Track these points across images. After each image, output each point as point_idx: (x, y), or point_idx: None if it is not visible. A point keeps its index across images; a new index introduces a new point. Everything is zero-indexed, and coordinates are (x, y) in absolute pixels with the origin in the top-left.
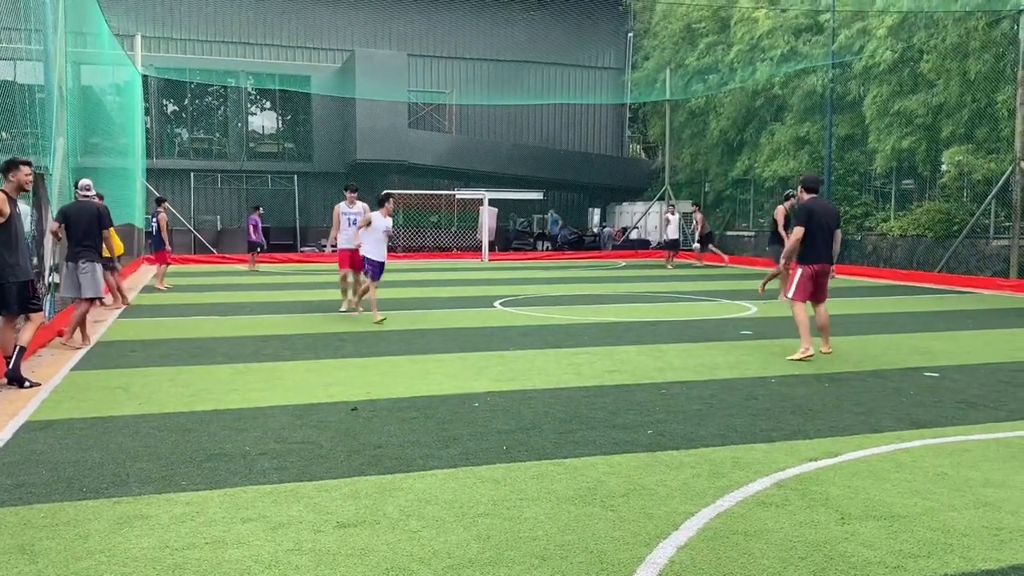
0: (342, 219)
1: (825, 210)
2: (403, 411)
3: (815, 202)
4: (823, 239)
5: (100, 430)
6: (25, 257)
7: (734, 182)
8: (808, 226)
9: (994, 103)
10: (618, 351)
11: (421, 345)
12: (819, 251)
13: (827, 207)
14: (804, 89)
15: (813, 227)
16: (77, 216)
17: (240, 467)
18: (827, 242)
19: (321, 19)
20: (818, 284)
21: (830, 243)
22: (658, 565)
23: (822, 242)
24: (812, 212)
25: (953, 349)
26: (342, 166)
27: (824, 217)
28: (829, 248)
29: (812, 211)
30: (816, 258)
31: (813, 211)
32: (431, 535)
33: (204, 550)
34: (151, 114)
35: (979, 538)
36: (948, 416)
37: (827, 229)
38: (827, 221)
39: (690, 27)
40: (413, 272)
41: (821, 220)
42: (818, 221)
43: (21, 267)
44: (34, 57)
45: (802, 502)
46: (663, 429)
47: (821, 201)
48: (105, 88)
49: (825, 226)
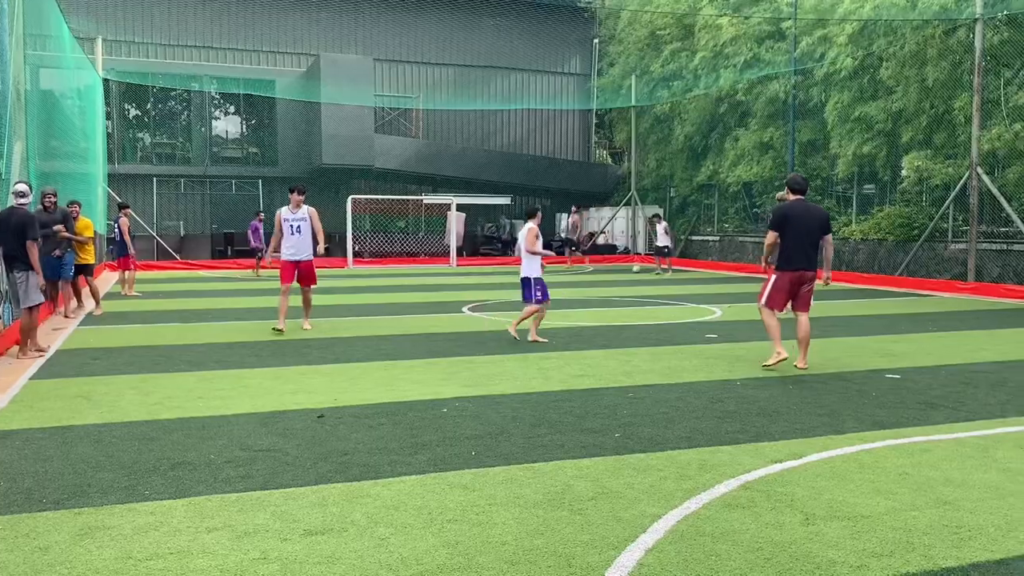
0: (284, 226)
1: (806, 214)
2: (371, 418)
3: (795, 205)
4: (801, 245)
5: (60, 440)
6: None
7: (699, 187)
8: (783, 231)
9: (951, 110)
10: (586, 355)
11: (389, 351)
12: (796, 257)
13: (809, 210)
14: (767, 95)
15: (789, 232)
16: (5, 224)
17: (205, 476)
18: (806, 248)
19: (286, 23)
20: (796, 293)
21: (810, 249)
22: (626, 568)
23: (800, 248)
24: (787, 216)
25: (914, 351)
26: (307, 171)
27: (804, 221)
28: (809, 255)
29: (787, 215)
30: (793, 264)
31: (788, 215)
32: (399, 542)
33: (169, 560)
34: (112, 118)
35: (940, 537)
36: (909, 417)
37: (807, 234)
38: (807, 226)
39: (655, 34)
40: (380, 278)
41: (799, 225)
42: (795, 226)
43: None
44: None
45: (768, 503)
46: (630, 432)
47: (803, 204)
48: (66, 92)
49: (804, 231)
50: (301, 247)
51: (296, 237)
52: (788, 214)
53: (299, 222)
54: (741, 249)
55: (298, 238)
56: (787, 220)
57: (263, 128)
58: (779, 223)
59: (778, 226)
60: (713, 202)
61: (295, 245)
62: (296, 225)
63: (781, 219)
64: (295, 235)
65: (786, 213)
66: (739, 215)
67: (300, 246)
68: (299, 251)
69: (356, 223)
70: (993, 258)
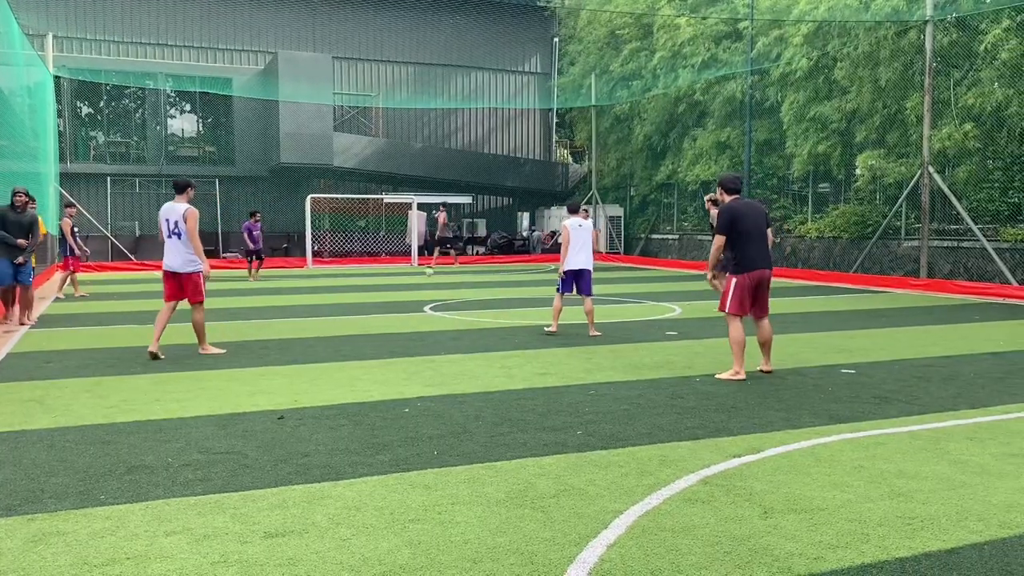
0: (164, 226)
1: (752, 210)
2: (331, 418)
3: (739, 204)
4: (756, 243)
5: (12, 444)
6: None
7: (658, 186)
8: (736, 231)
9: (903, 109)
10: (548, 353)
11: (349, 351)
12: (753, 257)
13: (752, 207)
14: (724, 95)
15: (742, 231)
16: None
17: (162, 479)
18: (761, 246)
19: (242, 20)
20: (757, 295)
21: (765, 247)
22: (588, 564)
23: (756, 247)
24: (738, 215)
25: (868, 346)
26: (265, 170)
27: (752, 219)
28: (765, 253)
29: (738, 214)
30: (751, 265)
31: (739, 214)
32: (361, 543)
33: (126, 565)
34: (64, 116)
35: (893, 528)
36: (864, 411)
37: (758, 232)
38: (756, 222)
39: (614, 33)
40: (341, 277)
41: (749, 223)
42: (747, 224)
43: None
44: None
45: (727, 498)
46: (592, 429)
47: (745, 202)
48: (14, 89)
49: (755, 228)
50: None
51: (173, 241)
52: (737, 213)
53: (176, 220)
54: (700, 247)
55: (174, 242)
56: (738, 219)
57: (220, 127)
58: (729, 224)
59: (728, 227)
60: (672, 201)
61: (176, 249)
62: (173, 223)
63: (731, 220)
64: (171, 238)
65: (735, 212)
66: (697, 214)
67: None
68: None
69: (315, 222)
70: (944, 255)
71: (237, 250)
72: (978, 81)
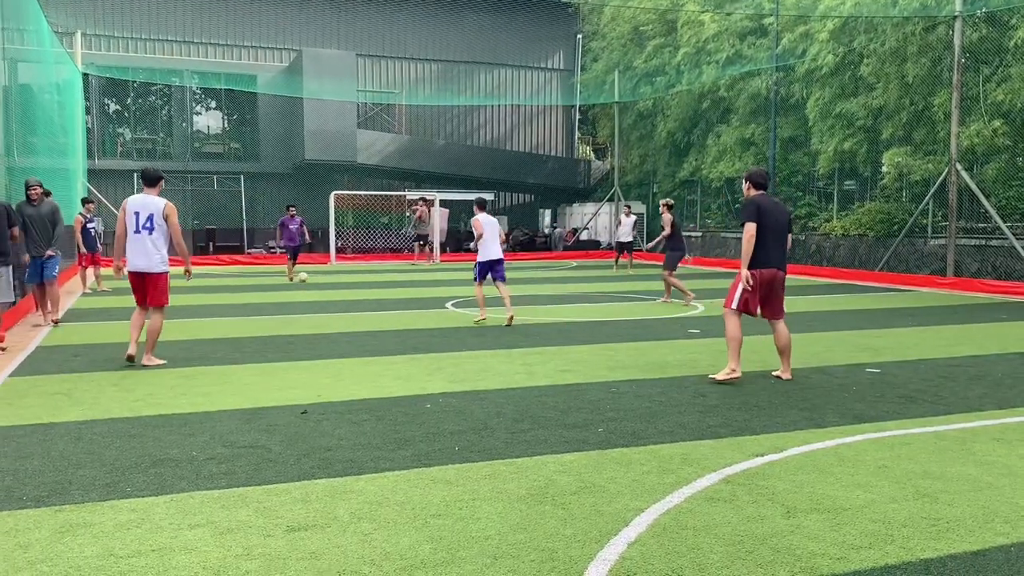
0: (131, 220)
1: (775, 208)
2: (354, 413)
3: (765, 199)
4: (775, 240)
5: (41, 437)
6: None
7: (682, 183)
8: (760, 224)
9: (931, 106)
10: (569, 350)
11: (372, 347)
12: (771, 254)
13: (777, 205)
14: (749, 91)
15: (764, 225)
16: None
17: (187, 472)
18: (779, 244)
19: (267, 18)
20: (768, 295)
21: (782, 246)
22: (609, 561)
23: (775, 244)
24: (762, 209)
25: (894, 345)
26: (289, 166)
27: (775, 216)
28: (781, 252)
29: (761, 207)
30: (765, 261)
31: (763, 207)
32: (383, 537)
33: (150, 557)
34: (92, 113)
35: (918, 528)
36: (889, 411)
37: (779, 230)
38: (779, 221)
39: (637, 30)
40: (364, 274)
41: (771, 219)
42: (769, 220)
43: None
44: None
45: (749, 497)
46: (613, 427)
47: (770, 199)
48: (44, 86)
49: (777, 226)
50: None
51: (143, 237)
52: (762, 206)
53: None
54: (723, 244)
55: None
56: (763, 213)
57: (245, 123)
58: (755, 214)
59: (756, 217)
60: (696, 198)
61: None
62: (145, 217)
63: (756, 210)
64: (141, 232)
65: (760, 205)
66: (721, 211)
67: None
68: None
69: (339, 219)
70: (972, 253)
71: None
72: (1008, 77)
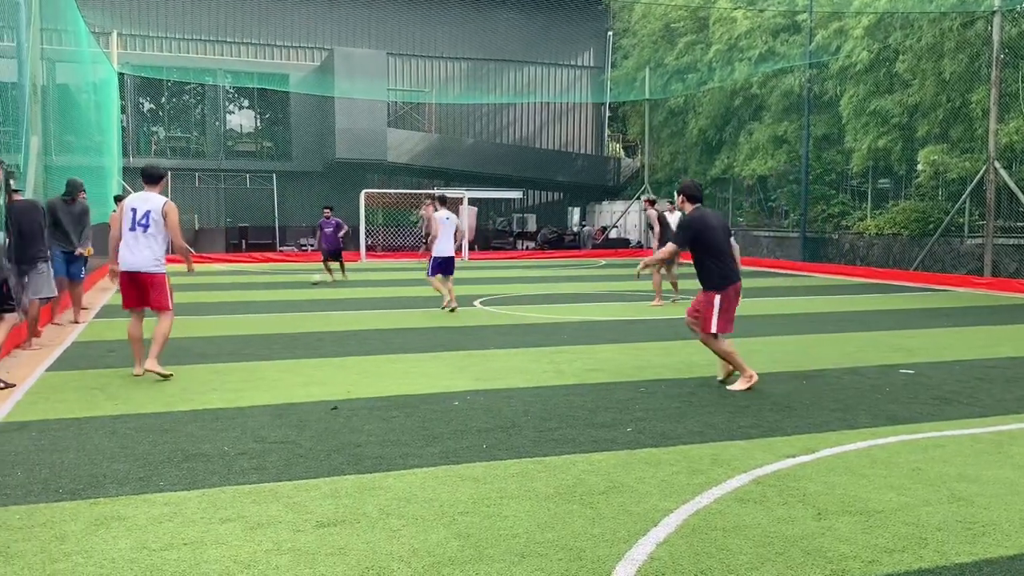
0: (127, 217)
1: (719, 222)
2: (383, 410)
3: (705, 213)
4: (728, 254)
5: (76, 431)
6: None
7: (713, 181)
8: (704, 243)
9: (968, 103)
10: (598, 349)
11: (401, 344)
12: (731, 270)
13: (718, 217)
14: (782, 89)
15: (713, 243)
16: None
17: (219, 467)
18: (732, 257)
19: (299, 17)
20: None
21: (734, 258)
22: (637, 561)
23: (730, 258)
24: (706, 225)
25: (929, 346)
26: (321, 165)
27: (720, 231)
28: (735, 264)
29: (706, 223)
30: (732, 278)
31: (707, 224)
32: (411, 533)
33: (182, 551)
34: (127, 112)
35: (953, 532)
36: (923, 412)
37: (726, 239)
38: (725, 234)
39: (669, 26)
40: (393, 271)
41: (718, 235)
42: (716, 235)
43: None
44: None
45: (779, 498)
46: (642, 427)
47: (711, 212)
48: (81, 86)
49: (726, 240)
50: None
51: (139, 235)
52: (706, 223)
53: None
54: (755, 243)
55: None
56: (707, 229)
57: (277, 122)
58: (697, 235)
59: (695, 238)
60: (727, 196)
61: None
62: (144, 215)
63: (700, 229)
64: (136, 230)
65: (705, 222)
66: (754, 209)
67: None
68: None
69: (369, 217)
70: (1010, 253)
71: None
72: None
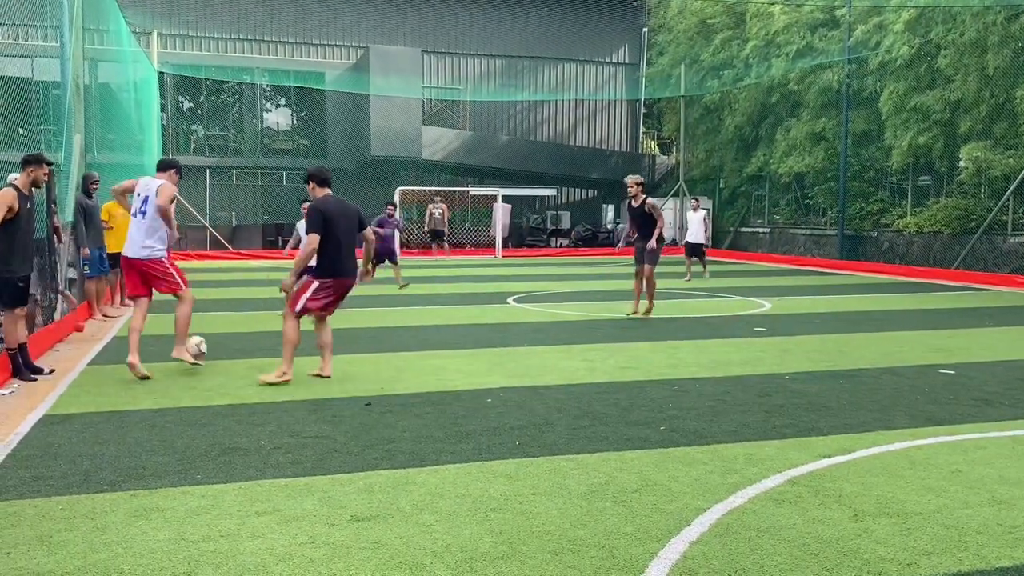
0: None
1: (345, 211)
2: (416, 406)
3: (330, 201)
4: (348, 247)
5: (117, 424)
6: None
7: (749, 178)
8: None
9: (1013, 99)
10: (631, 348)
11: (434, 341)
12: (345, 264)
13: (346, 206)
14: (820, 85)
15: (333, 233)
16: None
17: (255, 461)
18: (352, 251)
19: (335, 16)
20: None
21: (353, 253)
22: (670, 560)
23: (348, 251)
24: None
25: (969, 346)
26: (356, 163)
27: (346, 220)
28: (353, 259)
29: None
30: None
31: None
32: (444, 529)
33: (219, 543)
34: (167, 111)
35: (993, 536)
36: (963, 413)
37: (351, 235)
38: (350, 224)
39: (705, 22)
40: (427, 268)
41: (342, 224)
42: (339, 225)
43: (28, 262)
44: (50, 54)
45: (815, 499)
46: (676, 425)
47: (338, 200)
48: (122, 85)
49: (348, 231)
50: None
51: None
52: (330, 213)
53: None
54: (792, 241)
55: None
56: (329, 220)
57: (313, 120)
58: (321, 223)
59: (322, 227)
60: (764, 193)
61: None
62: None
63: (323, 219)
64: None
65: (328, 211)
66: (790, 206)
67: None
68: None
69: (404, 214)
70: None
71: None
72: None
